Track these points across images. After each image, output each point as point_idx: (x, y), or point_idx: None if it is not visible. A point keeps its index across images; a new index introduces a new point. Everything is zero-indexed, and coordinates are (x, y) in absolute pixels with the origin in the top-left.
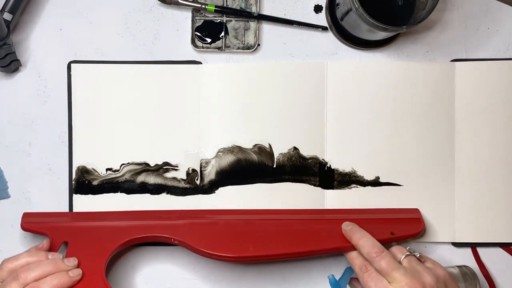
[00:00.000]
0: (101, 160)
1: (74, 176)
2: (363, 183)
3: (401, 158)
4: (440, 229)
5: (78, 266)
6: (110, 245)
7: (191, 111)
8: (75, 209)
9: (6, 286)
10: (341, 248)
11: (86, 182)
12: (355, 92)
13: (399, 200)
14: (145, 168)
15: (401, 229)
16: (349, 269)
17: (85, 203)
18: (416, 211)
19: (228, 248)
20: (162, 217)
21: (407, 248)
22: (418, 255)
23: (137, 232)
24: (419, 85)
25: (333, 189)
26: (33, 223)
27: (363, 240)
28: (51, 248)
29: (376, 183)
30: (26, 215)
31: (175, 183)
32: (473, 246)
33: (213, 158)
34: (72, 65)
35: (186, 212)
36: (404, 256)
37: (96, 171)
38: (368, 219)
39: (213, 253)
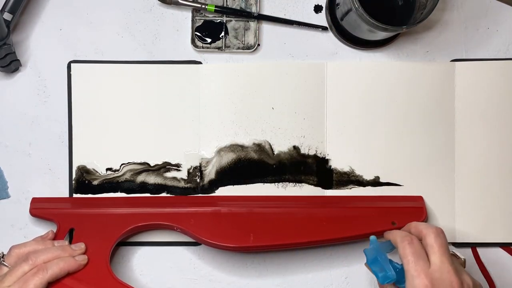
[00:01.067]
0: (101, 159)
1: (74, 176)
2: (363, 183)
3: (401, 158)
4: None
5: (84, 252)
6: (115, 233)
7: (191, 110)
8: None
9: (16, 267)
10: (341, 238)
11: (86, 181)
12: (355, 92)
13: None
14: (145, 168)
15: (402, 218)
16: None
17: None
18: (419, 198)
19: (229, 238)
20: (166, 203)
21: (453, 251)
22: (463, 259)
23: (140, 220)
24: (419, 85)
25: (332, 189)
26: (41, 209)
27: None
28: (58, 235)
29: (376, 183)
30: (34, 201)
31: (175, 183)
32: (473, 246)
33: (213, 157)
34: (72, 64)
35: (189, 198)
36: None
37: (96, 171)
38: (369, 208)
39: (214, 242)
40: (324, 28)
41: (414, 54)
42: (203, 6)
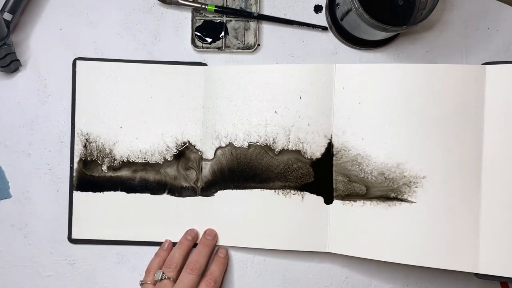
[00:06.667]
0: (102, 157)
1: (74, 173)
2: (370, 197)
3: (415, 171)
4: (459, 255)
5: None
6: None
7: (193, 111)
8: (75, 206)
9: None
10: None
11: (87, 179)
12: (366, 96)
13: (412, 219)
14: (145, 167)
15: None
16: None
17: (85, 200)
18: None
19: None
20: None
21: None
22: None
23: None
24: (441, 90)
25: (337, 199)
26: None
27: None
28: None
29: (384, 197)
30: None
31: (175, 183)
32: (504, 281)
33: (212, 159)
34: (78, 62)
35: None
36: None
37: (97, 168)
38: None
39: None
40: (324, 28)
41: (414, 54)
42: (203, 6)
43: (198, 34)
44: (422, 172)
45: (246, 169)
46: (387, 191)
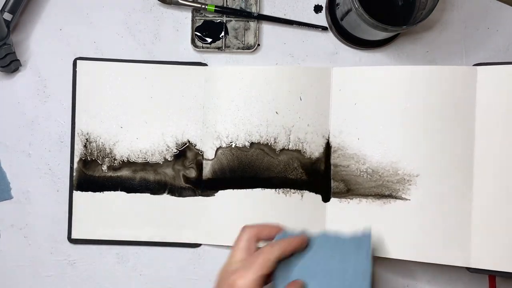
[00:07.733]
0: (102, 157)
1: (74, 173)
2: (365, 194)
3: (409, 170)
4: (452, 251)
5: None
6: None
7: (194, 111)
8: (75, 206)
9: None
10: None
11: (87, 179)
12: (362, 98)
13: (406, 216)
14: (146, 167)
15: None
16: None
17: (85, 200)
18: None
19: None
20: None
21: None
22: None
23: None
24: (436, 91)
25: (334, 197)
26: None
27: None
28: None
29: (379, 195)
30: None
31: (175, 183)
32: (492, 274)
33: (213, 159)
34: (78, 61)
35: None
36: None
37: (97, 168)
38: None
39: None
40: (324, 28)
41: (414, 54)
42: (203, 6)
43: (198, 34)
44: (415, 171)
45: (248, 168)
46: (382, 189)
